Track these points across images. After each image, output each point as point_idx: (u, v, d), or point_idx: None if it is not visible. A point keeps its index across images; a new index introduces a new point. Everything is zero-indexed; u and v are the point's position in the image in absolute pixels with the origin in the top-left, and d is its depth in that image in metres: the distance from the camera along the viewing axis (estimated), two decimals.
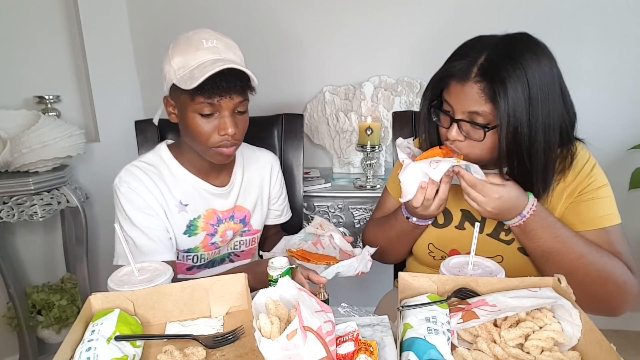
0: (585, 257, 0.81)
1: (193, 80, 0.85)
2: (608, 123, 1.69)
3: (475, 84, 0.77)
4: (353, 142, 1.78)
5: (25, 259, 1.79)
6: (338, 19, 1.75)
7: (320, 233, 1.08)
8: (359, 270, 0.93)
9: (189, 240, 1.03)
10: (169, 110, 0.98)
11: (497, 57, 0.77)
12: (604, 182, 0.87)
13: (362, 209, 1.60)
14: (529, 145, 0.77)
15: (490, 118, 0.77)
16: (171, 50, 0.92)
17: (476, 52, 0.79)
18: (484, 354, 0.59)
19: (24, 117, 1.56)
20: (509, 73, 0.74)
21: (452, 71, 0.80)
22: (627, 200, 1.68)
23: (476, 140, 0.80)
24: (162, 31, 1.82)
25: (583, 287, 0.78)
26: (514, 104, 0.74)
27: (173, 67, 0.90)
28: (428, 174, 0.80)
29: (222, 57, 0.90)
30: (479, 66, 0.77)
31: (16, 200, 1.48)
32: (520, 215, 0.81)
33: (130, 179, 0.96)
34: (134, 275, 0.75)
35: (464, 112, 0.79)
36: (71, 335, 0.62)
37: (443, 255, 0.97)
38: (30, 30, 1.70)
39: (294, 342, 0.53)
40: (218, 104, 0.89)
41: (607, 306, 0.83)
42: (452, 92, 0.81)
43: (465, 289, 0.69)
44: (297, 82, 1.83)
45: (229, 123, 0.91)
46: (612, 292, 0.81)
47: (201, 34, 0.92)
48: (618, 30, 1.63)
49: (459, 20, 1.68)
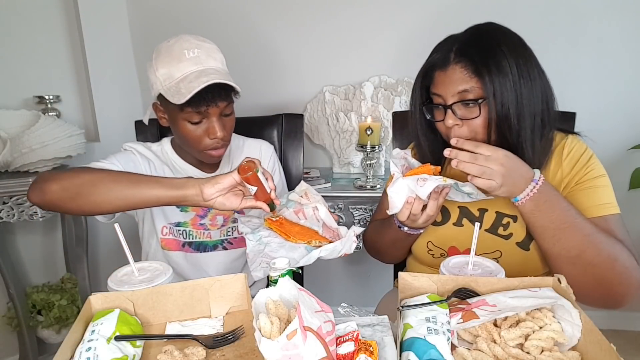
0: (595, 236, 0.79)
1: (180, 96, 0.91)
2: (608, 123, 1.69)
3: (457, 65, 0.83)
4: (353, 142, 1.78)
5: (25, 259, 1.80)
6: (338, 19, 1.75)
7: (305, 203, 0.98)
8: (343, 252, 0.88)
9: (180, 214, 1.09)
10: (158, 115, 1.04)
11: (469, 39, 0.85)
12: (601, 172, 0.87)
13: (362, 209, 1.59)
14: (516, 113, 0.81)
15: (479, 92, 0.82)
16: (154, 60, 0.96)
17: (449, 44, 0.86)
18: (484, 354, 0.59)
19: (24, 117, 1.56)
20: (484, 47, 0.82)
21: (433, 62, 0.87)
22: (627, 200, 1.68)
23: (473, 118, 0.83)
24: (162, 31, 1.81)
25: (592, 269, 0.78)
26: (497, 71, 0.80)
27: (159, 78, 0.95)
28: (415, 191, 0.81)
29: (205, 68, 0.95)
30: (454, 51, 0.84)
31: (16, 200, 1.48)
32: (534, 181, 0.78)
33: (139, 148, 1.07)
34: (134, 275, 0.75)
35: (453, 95, 0.83)
36: (71, 335, 0.62)
37: (442, 253, 0.96)
38: (30, 30, 1.70)
39: (294, 342, 0.53)
40: (205, 112, 0.95)
41: (613, 293, 0.80)
42: (438, 82, 0.86)
43: (465, 289, 0.69)
44: (297, 82, 1.83)
45: (218, 127, 0.97)
46: (620, 275, 0.78)
47: (182, 43, 0.95)
48: (618, 30, 1.63)
49: (459, 20, 1.67)
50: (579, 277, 0.76)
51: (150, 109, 1.06)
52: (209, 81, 0.90)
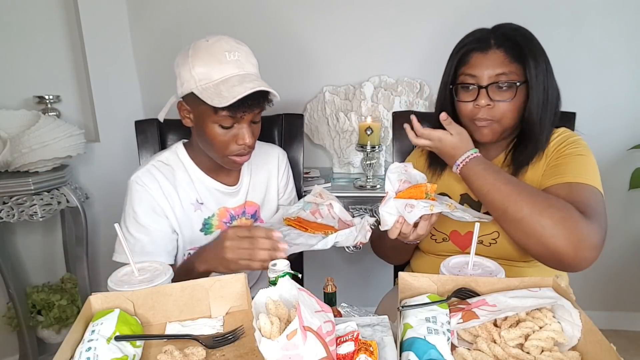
0: (516, 195, 0.81)
1: (222, 99, 0.87)
2: (608, 123, 1.69)
3: (498, 49, 0.90)
4: (353, 142, 1.78)
5: (25, 259, 1.79)
6: (338, 19, 1.75)
7: (320, 202, 1.06)
8: (358, 240, 0.92)
9: (205, 238, 1.05)
10: (183, 114, 0.98)
11: (505, 30, 0.93)
12: (583, 152, 0.90)
13: (362, 209, 1.59)
14: (544, 100, 0.90)
15: (515, 77, 0.89)
16: (192, 58, 0.91)
17: (484, 32, 0.94)
18: (484, 354, 0.59)
19: (24, 117, 1.56)
20: (524, 38, 0.90)
21: (472, 45, 0.92)
22: (627, 200, 1.68)
23: (506, 100, 0.90)
24: (162, 31, 1.82)
25: (519, 224, 0.80)
26: (536, 60, 0.88)
27: (194, 77, 0.90)
28: (403, 215, 0.82)
29: (246, 72, 0.92)
30: (494, 38, 0.91)
31: (16, 200, 1.48)
32: (456, 164, 0.91)
33: (147, 179, 0.99)
34: (134, 275, 0.75)
35: (490, 76, 0.89)
36: (71, 335, 0.62)
37: (444, 238, 0.99)
38: (30, 30, 1.70)
39: (294, 342, 0.53)
40: (240, 118, 0.93)
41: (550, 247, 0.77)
42: (475, 64, 0.91)
43: (465, 289, 0.69)
44: (297, 82, 1.83)
45: (247, 134, 0.94)
46: (551, 229, 0.76)
47: (222, 44, 0.92)
48: (618, 30, 1.63)
49: (458, 20, 1.68)
50: (512, 233, 0.84)
51: (169, 105, 1.02)
52: (255, 88, 0.88)
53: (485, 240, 0.94)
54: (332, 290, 0.88)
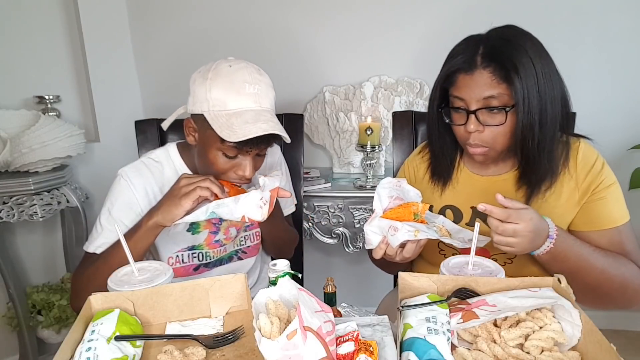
0: (608, 271, 0.82)
1: (232, 134, 0.85)
2: (608, 123, 1.69)
3: (484, 70, 0.80)
4: (353, 142, 1.78)
5: (25, 259, 1.80)
6: (338, 19, 1.75)
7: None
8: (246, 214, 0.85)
9: (192, 237, 1.04)
10: (188, 131, 0.96)
11: (495, 43, 0.82)
12: (613, 179, 0.88)
13: (362, 209, 1.59)
14: (539, 120, 0.80)
15: (506, 99, 0.80)
16: (210, 80, 0.88)
17: (472, 46, 0.83)
18: (484, 354, 0.59)
19: (24, 117, 1.56)
20: (513, 53, 0.79)
21: (457, 65, 0.83)
22: (627, 200, 1.66)
23: (497, 125, 0.82)
24: (162, 31, 1.82)
25: (607, 298, 0.84)
26: (526, 79, 0.78)
27: (209, 100, 0.88)
28: (387, 237, 0.79)
29: (262, 108, 0.90)
30: (481, 55, 0.81)
31: (16, 200, 1.48)
32: (549, 238, 0.79)
33: (132, 174, 0.98)
34: (134, 275, 0.75)
35: (478, 100, 0.81)
36: (71, 335, 0.62)
37: (454, 253, 0.95)
38: (30, 30, 1.70)
39: (294, 342, 0.53)
40: (246, 151, 0.91)
41: (623, 307, 0.87)
42: (461, 86, 0.83)
43: (465, 289, 0.69)
44: (297, 82, 1.83)
45: (249, 167, 0.93)
46: (631, 297, 0.85)
47: (244, 73, 0.89)
48: (618, 30, 1.63)
49: (458, 20, 1.68)
50: (592, 303, 0.84)
51: (175, 116, 1.00)
52: (267, 131, 0.86)
53: (499, 259, 0.90)
54: (332, 290, 0.88)
